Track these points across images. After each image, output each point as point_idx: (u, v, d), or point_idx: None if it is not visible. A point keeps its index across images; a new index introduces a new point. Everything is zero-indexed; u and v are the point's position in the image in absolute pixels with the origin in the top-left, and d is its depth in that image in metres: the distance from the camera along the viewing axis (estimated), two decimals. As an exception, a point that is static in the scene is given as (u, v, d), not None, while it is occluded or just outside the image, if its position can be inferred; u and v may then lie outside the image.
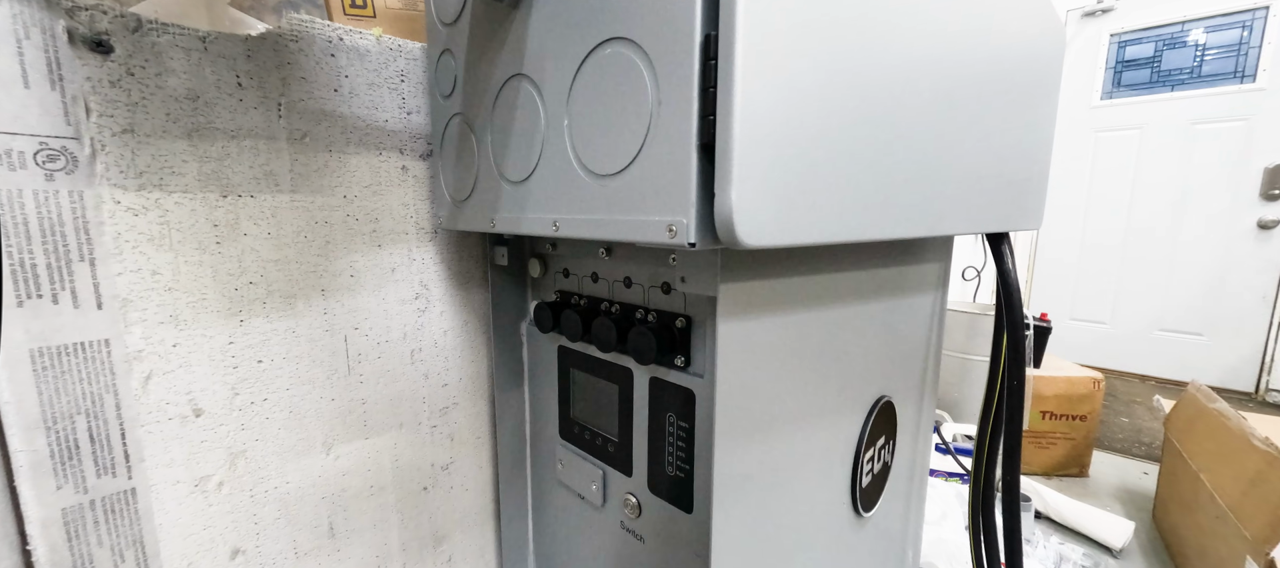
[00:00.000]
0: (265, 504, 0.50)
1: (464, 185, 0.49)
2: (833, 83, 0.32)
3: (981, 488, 0.60)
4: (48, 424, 0.39)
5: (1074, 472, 1.43)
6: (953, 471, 1.17)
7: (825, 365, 0.45)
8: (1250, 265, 2.15)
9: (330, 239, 0.50)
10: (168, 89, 0.41)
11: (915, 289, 0.54)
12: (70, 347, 0.39)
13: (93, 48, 0.38)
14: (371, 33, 0.50)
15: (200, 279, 0.44)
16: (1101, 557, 1.06)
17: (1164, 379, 2.35)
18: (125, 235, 0.40)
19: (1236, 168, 2.14)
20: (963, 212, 0.44)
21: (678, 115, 0.29)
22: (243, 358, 0.47)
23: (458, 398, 0.61)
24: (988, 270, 1.04)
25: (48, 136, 0.37)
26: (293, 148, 0.47)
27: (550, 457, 0.59)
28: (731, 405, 0.38)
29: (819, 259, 0.43)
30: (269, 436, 0.49)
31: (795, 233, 0.31)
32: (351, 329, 0.52)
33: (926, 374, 0.59)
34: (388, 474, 0.57)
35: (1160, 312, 2.34)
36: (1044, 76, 0.50)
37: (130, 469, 0.42)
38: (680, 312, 0.41)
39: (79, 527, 0.41)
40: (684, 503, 0.43)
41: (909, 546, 0.64)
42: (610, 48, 0.33)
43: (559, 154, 0.37)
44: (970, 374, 1.53)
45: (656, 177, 0.31)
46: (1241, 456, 0.87)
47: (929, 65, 0.38)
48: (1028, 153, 0.50)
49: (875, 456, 0.53)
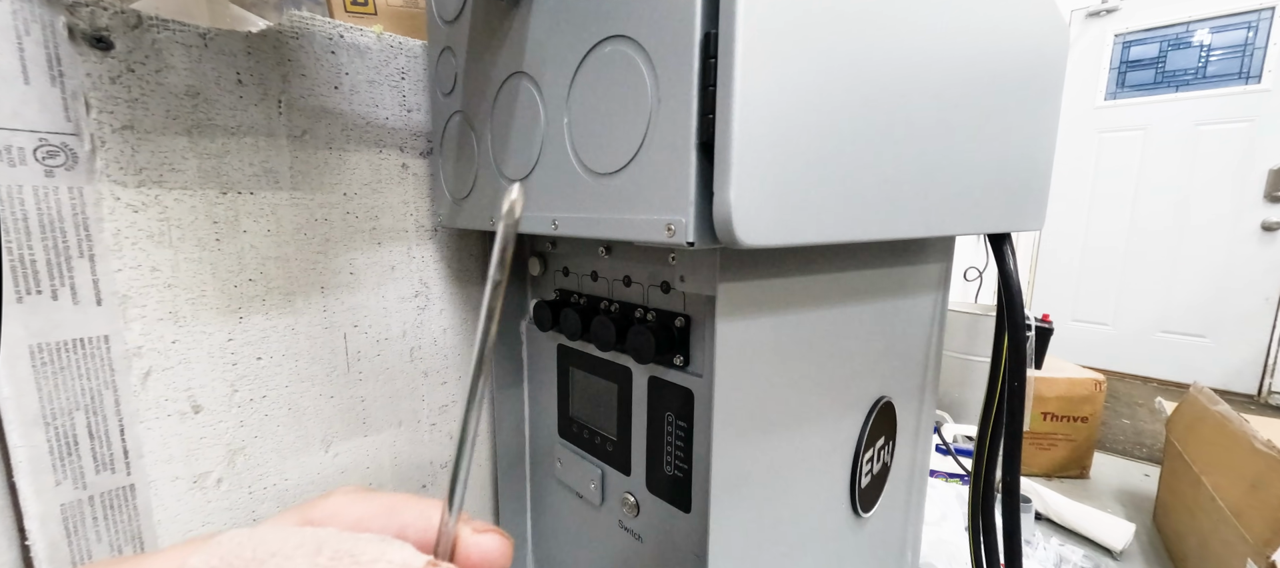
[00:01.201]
0: (264, 501, 0.50)
1: (464, 183, 0.49)
2: (833, 82, 0.31)
3: (982, 489, 0.60)
4: (47, 420, 0.39)
5: (1075, 473, 1.43)
6: (953, 471, 1.16)
7: (825, 365, 0.45)
8: (1254, 267, 2.14)
9: (330, 236, 0.50)
10: (168, 86, 0.41)
11: (916, 290, 0.54)
12: (69, 343, 0.39)
13: (93, 44, 0.38)
14: (372, 30, 0.50)
15: (200, 276, 0.44)
16: (1102, 559, 1.06)
17: (1166, 381, 2.34)
18: (125, 232, 0.40)
19: (1241, 169, 2.13)
20: (964, 212, 0.44)
21: (677, 114, 0.29)
22: (242, 355, 0.47)
23: (457, 396, 0.61)
24: (989, 271, 1.04)
25: (47, 133, 0.37)
26: (293, 145, 0.47)
27: (549, 455, 0.59)
28: (730, 405, 0.38)
29: (819, 259, 0.43)
30: (268, 433, 0.49)
31: (794, 233, 0.31)
32: (351, 327, 0.52)
33: (927, 375, 0.59)
34: (387, 472, 0.57)
35: (1163, 313, 2.34)
36: (1047, 76, 0.50)
37: (129, 465, 0.43)
38: (679, 311, 0.41)
39: (78, 522, 0.41)
40: (682, 503, 0.43)
41: (909, 546, 0.64)
42: (610, 46, 0.33)
43: (558, 152, 0.37)
44: (971, 375, 1.53)
45: (655, 175, 0.31)
46: (1243, 458, 0.87)
47: (931, 65, 0.38)
48: (1030, 153, 0.50)
49: (875, 456, 0.53)
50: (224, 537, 0.15)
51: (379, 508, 0.18)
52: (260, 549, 0.14)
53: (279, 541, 0.15)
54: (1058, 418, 1.39)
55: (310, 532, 0.15)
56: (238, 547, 0.14)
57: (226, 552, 0.14)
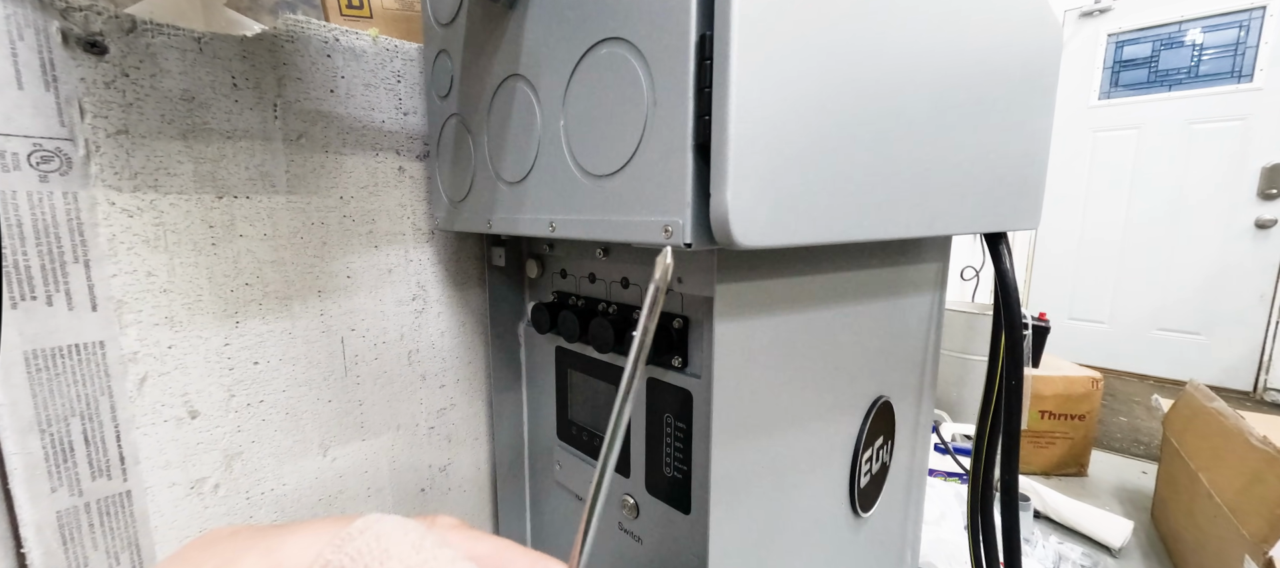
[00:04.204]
0: (262, 507, 0.50)
1: (461, 186, 0.49)
2: (829, 83, 0.31)
3: (980, 488, 0.60)
4: (42, 427, 0.39)
5: (1073, 471, 1.43)
6: (951, 470, 1.17)
7: (823, 366, 0.45)
8: (1248, 265, 2.15)
9: (327, 240, 0.50)
10: (163, 90, 0.41)
11: (913, 289, 0.54)
12: (65, 349, 0.39)
13: (87, 49, 0.37)
14: (368, 33, 0.50)
15: (196, 281, 0.44)
16: (1100, 556, 1.06)
17: (1162, 378, 2.35)
18: (120, 237, 0.40)
19: (1234, 167, 2.15)
20: (960, 212, 0.44)
21: (673, 116, 0.29)
22: (239, 360, 0.46)
23: (455, 399, 0.61)
24: (986, 270, 1.04)
25: (42, 138, 0.37)
26: (289, 149, 0.47)
27: (548, 458, 0.59)
28: (728, 406, 0.38)
29: (816, 259, 0.43)
30: (265, 437, 0.49)
31: (791, 233, 0.31)
32: (348, 331, 0.52)
33: (925, 374, 0.59)
34: (385, 476, 0.57)
35: (1158, 311, 2.35)
36: (1041, 76, 0.50)
37: (125, 472, 0.42)
38: (677, 312, 0.41)
39: (74, 530, 0.40)
40: (681, 504, 0.43)
41: (908, 546, 0.64)
42: (606, 48, 0.33)
43: (555, 155, 0.37)
44: (969, 374, 1.53)
45: (652, 177, 0.31)
46: (1240, 455, 0.87)
47: (925, 65, 0.38)
48: (1025, 152, 0.50)
49: (874, 456, 0.53)
50: (365, 532, 0.15)
51: (489, 549, 0.18)
52: (387, 562, 0.15)
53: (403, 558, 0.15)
54: (1055, 416, 1.39)
55: (436, 555, 0.15)
56: (373, 551, 0.15)
57: (362, 550, 0.15)
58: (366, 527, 0.16)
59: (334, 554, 0.15)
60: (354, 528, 0.16)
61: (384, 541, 0.15)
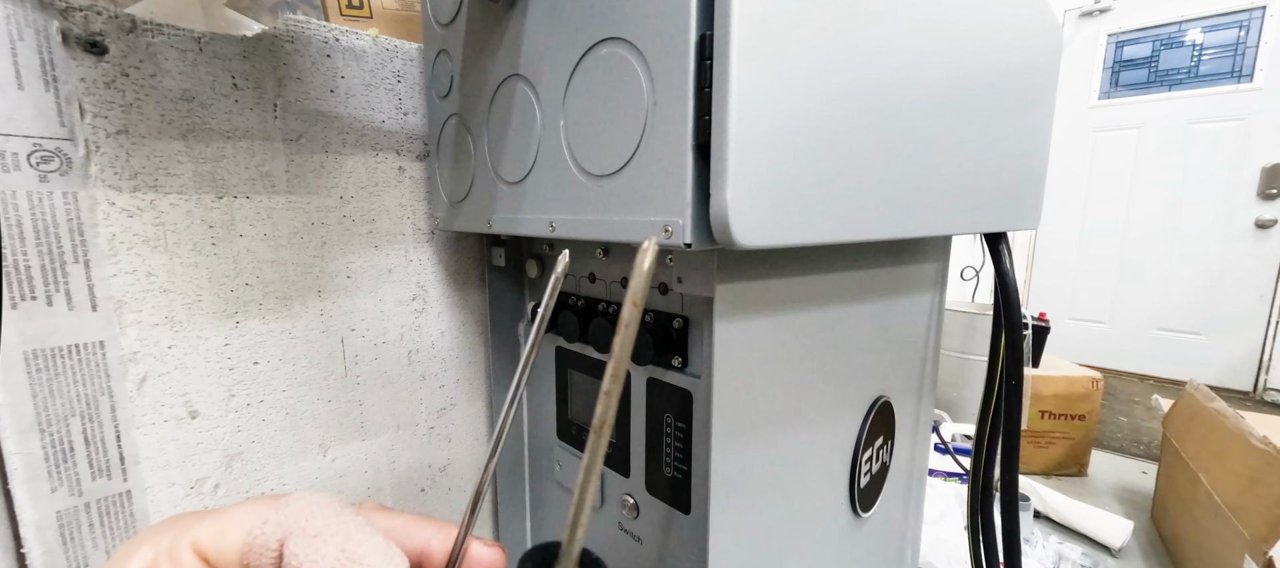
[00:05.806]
0: (262, 507, 0.50)
1: (461, 186, 0.49)
2: (828, 83, 0.31)
3: (980, 488, 0.60)
4: (42, 427, 0.39)
5: (1073, 471, 1.43)
6: (951, 470, 1.17)
7: (823, 366, 0.45)
8: (1248, 265, 2.15)
9: (326, 240, 0.50)
10: (163, 90, 0.41)
11: (913, 289, 0.54)
12: (65, 349, 0.39)
13: (87, 49, 0.37)
14: (368, 33, 0.50)
15: (196, 281, 0.44)
16: (1100, 556, 1.06)
17: (1162, 378, 2.35)
18: (120, 237, 0.40)
19: (1234, 167, 2.15)
20: (960, 212, 0.44)
21: (673, 116, 0.29)
22: (239, 360, 0.46)
23: (455, 399, 0.61)
24: (986, 270, 1.04)
25: (41, 138, 0.37)
26: (289, 149, 0.47)
27: (548, 458, 0.59)
28: (728, 406, 0.38)
29: (816, 259, 0.43)
30: (265, 437, 0.49)
31: (791, 233, 0.31)
32: (348, 331, 0.52)
33: (925, 374, 0.59)
34: (385, 476, 0.57)
35: (1158, 311, 2.35)
36: (1041, 76, 0.50)
37: (125, 472, 0.42)
38: (677, 312, 0.41)
39: (74, 530, 0.40)
40: (681, 504, 0.43)
41: (908, 545, 0.64)
42: (606, 48, 0.33)
43: (555, 155, 0.37)
44: (969, 374, 1.53)
45: (652, 177, 0.31)
46: (1240, 455, 0.87)
47: (925, 65, 0.38)
48: (1025, 153, 0.50)
49: (874, 456, 0.53)
50: (294, 502, 0.18)
51: (402, 522, 0.21)
52: (312, 523, 0.17)
53: (326, 521, 0.17)
54: (1055, 416, 1.39)
55: (354, 519, 0.18)
56: (301, 515, 0.17)
57: (293, 515, 0.17)
58: (296, 499, 0.18)
59: (263, 526, 0.17)
60: (284, 500, 0.18)
61: (312, 506, 0.18)
